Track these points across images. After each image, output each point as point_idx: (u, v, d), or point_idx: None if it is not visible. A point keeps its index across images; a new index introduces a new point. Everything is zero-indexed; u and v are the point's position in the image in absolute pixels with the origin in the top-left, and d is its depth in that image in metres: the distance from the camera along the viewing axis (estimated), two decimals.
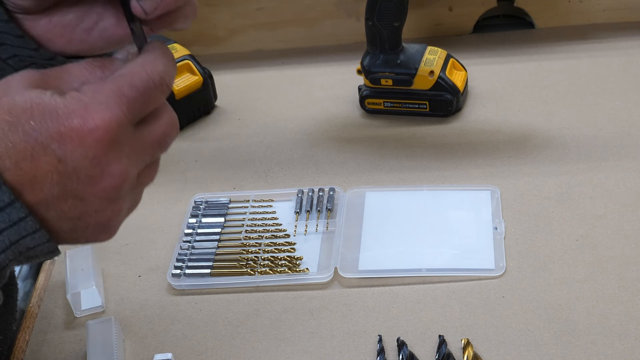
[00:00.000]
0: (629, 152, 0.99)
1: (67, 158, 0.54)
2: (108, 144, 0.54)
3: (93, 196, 0.56)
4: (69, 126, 0.53)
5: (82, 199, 0.55)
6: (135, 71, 0.56)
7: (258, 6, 1.25)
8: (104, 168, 0.55)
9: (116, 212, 0.58)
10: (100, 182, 0.55)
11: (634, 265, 0.85)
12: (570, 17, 1.23)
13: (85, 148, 0.54)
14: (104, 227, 0.59)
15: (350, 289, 0.87)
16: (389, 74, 1.08)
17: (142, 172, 0.59)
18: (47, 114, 0.53)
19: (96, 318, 0.86)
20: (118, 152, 0.55)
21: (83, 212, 0.56)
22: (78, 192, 0.55)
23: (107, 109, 0.54)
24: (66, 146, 0.53)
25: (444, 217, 0.94)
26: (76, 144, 0.54)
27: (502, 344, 0.79)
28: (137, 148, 0.57)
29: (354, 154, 1.05)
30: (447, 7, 1.24)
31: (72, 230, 0.57)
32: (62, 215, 0.56)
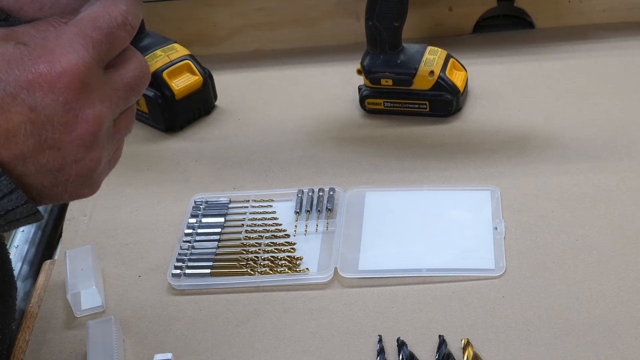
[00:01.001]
0: (629, 152, 0.99)
1: (38, 106, 0.52)
2: (78, 87, 0.53)
3: (69, 144, 0.54)
4: (36, 72, 0.52)
5: (59, 148, 0.54)
6: (97, 13, 0.56)
7: (258, 6, 1.25)
8: (77, 113, 0.54)
9: (96, 161, 0.56)
10: (76, 129, 0.54)
11: (634, 265, 0.85)
12: (570, 17, 1.23)
13: (56, 93, 0.53)
14: (86, 179, 0.57)
15: (350, 289, 0.87)
16: (389, 74, 1.08)
17: (118, 119, 0.58)
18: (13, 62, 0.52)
19: (96, 318, 0.86)
20: (90, 95, 0.54)
21: (62, 163, 0.55)
22: (54, 141, 0.54)
23: (72, 51, 0.53)
24: (36, 93, 0.52)
25: (444, 217, 0.94)
26: (46, 90, 0.53)
27: (502, 344, 0.79)
28: (109, 92, 0.56)
29: (354, 154, 1.05)
30: (447, 7, 1.24)
31: (54, 185, 0.56)
32: (41, 169, 0.54)
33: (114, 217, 1.00)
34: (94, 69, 0.54)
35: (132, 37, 0.57)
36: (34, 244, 1.05)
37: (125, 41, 0.57)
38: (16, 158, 0.53)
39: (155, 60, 1.11)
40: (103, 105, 0.55)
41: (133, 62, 0.58)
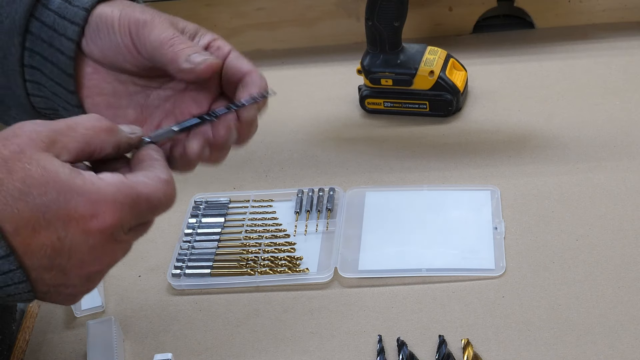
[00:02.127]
0: (629, 152, 0.99)
1: (66, 239, 0.56)
2: (108, 238, 0.57)
3: (76, 275, 0.58)
4: (79, 212, 0.55)
5: (65, 274, 0.58)
6: (157, 188, 0.59)
7: (258, 6, 1.25)
8: (98, 256, 0.58)
9: (89, 290, 0.61)
10: (90, 267, 0.58)
11: (633, 265, 0.85)
12: (570, 17, 1.23)
13: (88, 237, 0.56)
14: (73, 298, 0.61)
15: (350, 289, 0.87)
16: (389, 74, 1.08)
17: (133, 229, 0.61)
18: (62, 192, 0.55)
19: (96, 318, 0.86)
20: (115, 244, 0.58)
21: (61, 283, 0.58)
22: (64, 268, 0.57)
23: (120, 211, 0.57)
24: (69, 229, 0.56)
25: (444, 217, 0.94)
26: (80, 230, 0.56)
27: (502, 344, 0.79)
28: (130, 242, 0.61)
29: (354, 154, 1.05)
30: (447, 7, 1.23)
31: (45, 293, 0.59)
32: (41, 281, 0.57)
33: None
34: (127, 227, 0.58)
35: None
36: None
37: (156, 217, 0.61)
38: (26, 267, 0.56)
39: None
40: (120, 254, 0.60)
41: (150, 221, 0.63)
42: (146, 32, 0.65)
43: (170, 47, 0.64)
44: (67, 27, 0.66)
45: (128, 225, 0.58)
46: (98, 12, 0.66)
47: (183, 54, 0.64)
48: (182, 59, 0.64)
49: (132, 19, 0.65)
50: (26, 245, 0.55)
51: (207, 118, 0.67)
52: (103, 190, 0.57)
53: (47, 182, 0.55)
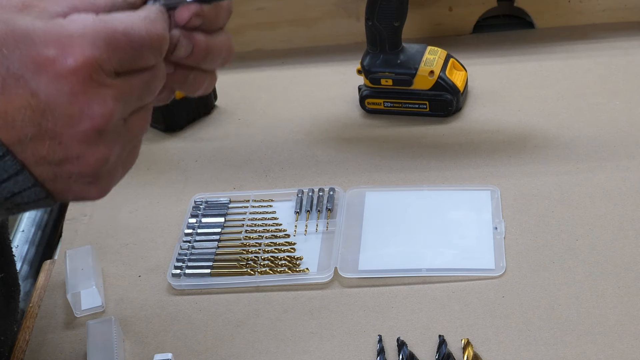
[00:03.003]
0: (629, 152, 0.99)
1: (41, 92, 0.49)
2: (87, 81, 0.49)
3: (71, 139, 0.51)
4: (44, 55, 0.48)
5: (60, 141, 0.51)
6: (135, 22, 0.52)
7: (258, 6, 1.25)
8: (82, 107, 0.50)
9: (100, 160, 0.53)
10: (79, 123, 0.50)
11: (633, 265, 0.85)
12: (570, 17, 1.23)
13: (62, 82, 0.49)
14: (91, 179, 0.54)
15: (350, 289, 0.87)
16: (389, 74, 1.08)
17: (130, 118, 0.54)
18: (22, 40, 0.49)
19: (96, 318, 0.86)
20: (99, 90, 0.50)
21: (63, 157, 0.51)
22: (55, 133, 0.50)
23: (92, 47, 0.49)
24: (40, 78, 0.49)
25: (444, 217, 0.94)
26: (51, 77, 0.49)
27: (502, 344, 0.79)
28: (120, 90, 0.52)
29: (354, 154, 1.05)
30: (447, 7, 1.24)
31: (54, 179, 0.52)
32: (40, 160, 0.51)
33: (114, 217, 1.00)
34: (108, 69, 0.51)
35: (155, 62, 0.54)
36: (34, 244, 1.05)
37: (148, 63, 0.53)
38: (14, 143, 0.50)
39: None
40: (111, 102, 0.51)
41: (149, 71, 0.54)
42: None
43: None
44: None
45: (109, 65, 0.50)
46: None
47: None
48: None
49: None
50: (3, 113, 0.48)
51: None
52: (68, 27, 0.49)
53: (5, 34, 0.48)
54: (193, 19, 0.55)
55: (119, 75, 0.52)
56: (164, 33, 0.54)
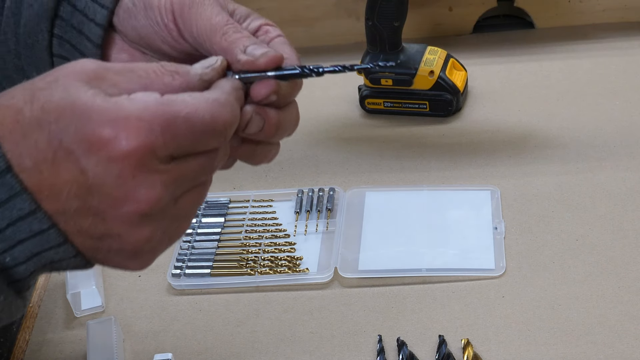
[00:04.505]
0: (629, 152, 0.99)
1: (89, 170, 0.48)
2: (137, 166, 0.48)
3: (114, 218, 0.50)
4: (98, 135, 0.48)
5: (104, 219, 0.50)
6: (199, 106, 0.50)
7: (258, 6, 1.25)
8: (130, 190, 0.49)
9: (142, 241, 0.51)
10: (124, 206, 0.49)
11: (633, 265, 0.85)
12: (570, 17, 1.23)
13: (112, 165, 0.48)
14: (131, 254, 0.52)
15: (350, 289, 0.87)
16: (389, 74, 1.08)
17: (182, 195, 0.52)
18: (79, 115, 0.48)
19: (96, 318, 0.86)
20: (148, 175, 0.49)
21: (104, 233, 0.50)
22: (99, 210, 0.49)
23: (148, 131, 0.48)
24: (91, 157, 0.48)
25: (444, 217, 0.94)
26: (102, 158, 0.48)
27: (502, 344, 0.79)
28: (174, 175, 0.50)
29: (354, 154, 1.05)
30: (447, 7, 1.23)
31: (95, 250, 0.52)
32: (82, 232, 0.50)
33: None
34: (162, 155, 0.49)
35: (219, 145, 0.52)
36: None
37: (210, 146, 0.51)
38: (58, 213, 0.49)
39: None
40: (159, 188, 0.50)
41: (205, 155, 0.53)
42: (193, 15, 0.57)
43: (223, 35, 0.56)
44: (97, 11, 0.60)
45: (164, 151, 0.49)
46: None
47: (239, 44, 0.56)
48: (238, 50, 0.56)
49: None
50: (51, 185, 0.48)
51: (308, 71, 0.57)
52: (126, 108, 0.48)
53: (64, 106, 0.47)
54: (270, 96, 0.55)
55: (174, 159, 0.50)
56: (232, 118, 0.52)
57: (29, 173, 0.48)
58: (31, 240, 0.50)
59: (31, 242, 0.50)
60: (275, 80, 0.55)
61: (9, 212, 0.49)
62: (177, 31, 0.59)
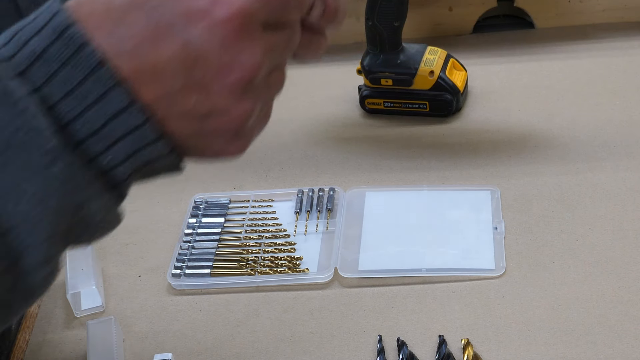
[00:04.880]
0: (629, 152, 0.99)
1: (193, 41, 0.47)
2: (240, 30, 0.48)
3: (221, 90, 0.49)
4: (197, 5, 0.47)
5: (209, 92, 0.49)
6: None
7: None
8: (234, 56, 0.48)
9: (246, 114, 0.51)
10: (230, 73, 0.49)
11: (633, 265, 0.85)
12: (570, 17, 1.23)
13: (214, 31, 0.48)
14: (234, 134, 0.52)
15: (350, 289, 0.87)
16: (389, 74, 1.08)
17: (270, 74, 0.53)
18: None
19: (96, 318, 0.86)
20: (250, 40, 0.49)
21: (210, 109, 0.49)
22: (204, 84, 0.48)
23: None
24: (192, 27, 0.47)
25: (444, 217, 0.94)
26: (204, 25, 0.47)
27: (502, 344, 0.79)
28: (269, 42, 0.51)
29: (354, 154, 1.05)
30: (447, 7, 1.24)
31: (198, 134, 0.50)
32: (187, 114, 0.49)
33: None
34: (258, 21, 0.49)
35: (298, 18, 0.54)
36: None
37: (291, 17, 0.52)
38: (161, 98, 0.48)
39: None
40: (260, 54, 0.50)
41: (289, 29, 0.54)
42: None
43: None
44: None
45: (260, 16, 0.49)
46: None
47: None
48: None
49: None
50: (153, 66, 0.47)
51: None
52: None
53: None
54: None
55: (265, 30, 0.51)
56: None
57: (129, 57, 0.47)
58: (129, 137, 0.48)
59: (129, 138, 0.48)
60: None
61: (106, 107, 0.47)
62: None
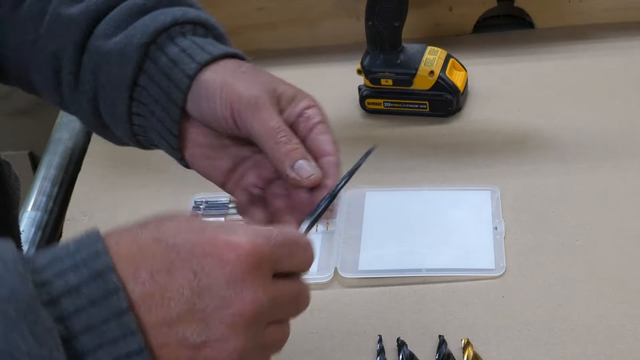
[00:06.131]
0: (629, 152, 0.99)
1: (202, 272, 0.51)
2: (248, 267, 0.52)
3: (219, 322, 0.51)
4: (212, 241, 0.52)
5: (208, 323, 0.51)
6: (288, 229, 0.57)
7: (258, 6, 1.25)
8: (238, 291, 0.52)
9: (238, 350, 0.53)
10: (231, 306, 0.52)
11: (633, 265, 0.85)
12: (570, 17, 1.23)
13: (224, 264, 0.51)
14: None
15: (350, 289, 0.87)
16: (389, 74, 1.08)
17: (269, 326, 0.56)
18: (195, 230, 0.52)
19: None
20: (255, 279, 0.52)
21: (205, 340, 0.51)
22: (205, 313, 0.51)
23: (254, 235, 0.53)
24: (205, 260, 0.51)
25: (444, 217, 0.94)
26: (216, 258, 0.51)
27: (502, 344, 0.79)
28: (272, 289, 0.54)
29: (354, 154, 1.04)
30: (447, 7, 1.23)
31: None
32: (183, 342, 0.51)
33: (114, 217, 0.99)
34: (267, 262, 0.53)
35: (302, 275, 0.58)
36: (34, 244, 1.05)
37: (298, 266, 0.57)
38: (161, 324, 0.51)
39: None
40: (265, 295, 0.53)
41: (299, 282, 0.58)
42: (250, 116, 0.64)
43: (276, 144, 0.64)
44: (173, 91, 0.67)
45: (269, 261, 0.54)
46: (202, 78, 0.66)
47: (289, 158, 0.64)
48: (288, 164, 0.64)
49: (235, 95, 0.65)
50: (162, 292, 0.51)
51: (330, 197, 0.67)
52: (241, 225, 0.55)
53: (179, 225, 0.53)
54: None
55: (275, 277, 0.55)
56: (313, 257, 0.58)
57: (144, 285, 0.50)
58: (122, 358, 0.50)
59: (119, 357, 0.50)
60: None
61: (118, 349, 0.49)
62: (234, 123, 0.65)
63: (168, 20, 0.68)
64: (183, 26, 0.69)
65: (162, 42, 0.68)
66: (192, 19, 0.69)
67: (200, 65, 0.66)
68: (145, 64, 0.68)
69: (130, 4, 0.70)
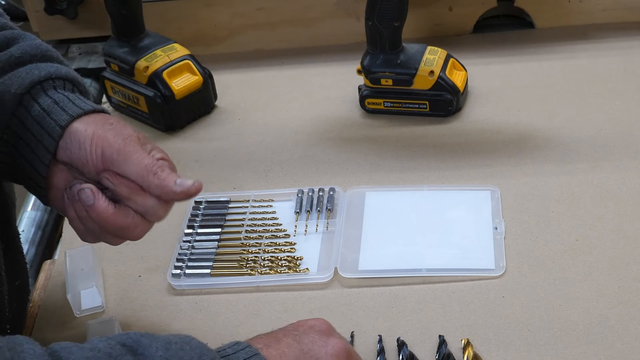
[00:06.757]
0: (629, 152, 0.99)
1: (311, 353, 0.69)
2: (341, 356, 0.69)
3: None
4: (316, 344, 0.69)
5: None
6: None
7: (258, 6, 1.25)
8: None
9: None
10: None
11: (633, 265, 0.85)
12: (570, 17, 1.23)
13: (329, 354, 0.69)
14: None
15: (350, 289, 0.87)
16: (389, 74, 1.08)
17: None
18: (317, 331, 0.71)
19: (96, 318, 0.86)
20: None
21: None
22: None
23: (340, 339, 0.71)
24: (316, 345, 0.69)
25: (444, 217, 0.94)
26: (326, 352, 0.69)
27: (502, 344, 0.79)
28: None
29: (354, 154, 1.05)
30: (447, 7, 1.24)
31: None
32: None
33: None
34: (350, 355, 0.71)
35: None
36: (34, 244, 1.05)
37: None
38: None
39: (155, 60, 1.11)
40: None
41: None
42: (122, 162, 0.74)
43: (155, 174, 0.74)
44: (45, 138, 0.75)
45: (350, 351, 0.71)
46: (73, 128, 0.75)
47: (170, 180, 0.74)
48: (171, 184, 0.74)
49: (106, 143, 0.74)
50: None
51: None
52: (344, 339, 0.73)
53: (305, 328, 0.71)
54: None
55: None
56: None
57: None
58: None
59: None
60: None
61: None
62: (102, 166, 0.74)
63: (42, 75, 0.77)
64: (55, 81, 0.78)
65: (36, 94, 0.77)
66: (63, 76, 0.79)
67: (72, 117, 0.75)
68: (19, 111, 0.76)
69: (7, 54, 0.79)
